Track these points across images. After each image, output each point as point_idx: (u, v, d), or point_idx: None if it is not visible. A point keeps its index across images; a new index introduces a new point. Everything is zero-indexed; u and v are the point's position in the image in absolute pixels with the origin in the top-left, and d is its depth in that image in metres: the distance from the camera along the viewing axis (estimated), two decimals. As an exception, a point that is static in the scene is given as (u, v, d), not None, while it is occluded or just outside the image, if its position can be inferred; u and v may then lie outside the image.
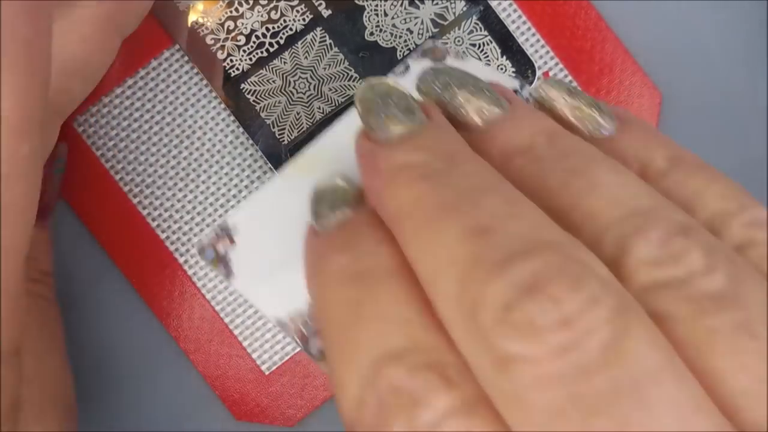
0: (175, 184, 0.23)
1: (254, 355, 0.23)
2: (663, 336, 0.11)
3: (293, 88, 0.23)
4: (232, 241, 0.18)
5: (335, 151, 0.16)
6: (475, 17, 0.24)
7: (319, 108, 0.23)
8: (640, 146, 0.15)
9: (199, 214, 0.23)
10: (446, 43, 0.21)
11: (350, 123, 0.16)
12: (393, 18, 0.23)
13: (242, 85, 0.23)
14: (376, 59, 0.23)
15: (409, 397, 0.11)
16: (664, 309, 0.12)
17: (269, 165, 0.23)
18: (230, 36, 0.23)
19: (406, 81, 0.18)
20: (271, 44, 0.23)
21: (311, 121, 0.23)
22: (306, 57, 0.23)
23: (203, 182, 0.23)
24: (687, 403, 0.10)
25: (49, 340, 0.20)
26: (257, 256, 0.17)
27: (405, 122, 0.14)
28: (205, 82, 0.23)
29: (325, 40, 0.23)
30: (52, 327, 0.20)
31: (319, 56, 0.23)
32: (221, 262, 0.17)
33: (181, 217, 0.23)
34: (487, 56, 0.24)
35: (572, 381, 0.10)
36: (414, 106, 0.14)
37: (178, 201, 0.23)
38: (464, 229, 0.12)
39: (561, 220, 0.13)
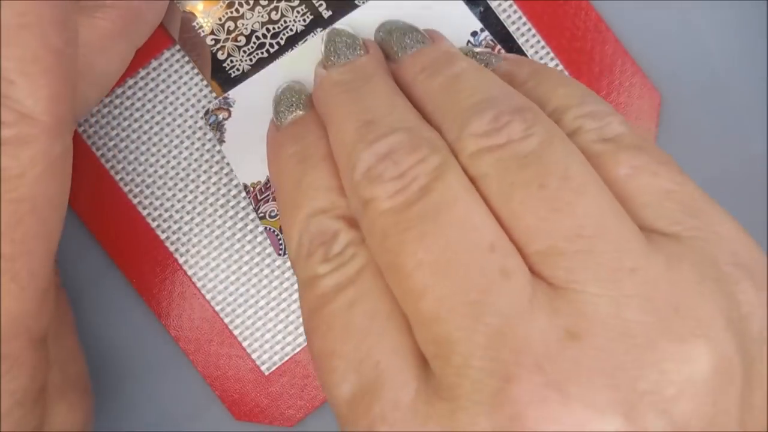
0: (175, 184, 0.23)
1: (254, 356, 0.24)
2: (468, 182, 0.16)
3: (293, 88, 0.23)
4: (229, 113, 0.23)
5: (315, 54, 0.21)
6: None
7: (320, 108, 0.23)
8: (513, 69, 0.20)
9: (199, 214, 0.23)
10: None
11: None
12: (393, 18, 0.23)
13: (242, 86, 0.23)
14: (377, 60, 0.23)
15: (327, 235, 0.17)
16: (482, 171, 0.16)
17: (269, 165, 0.23)
18: (230, 36, 0.23)
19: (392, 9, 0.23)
20: (271, 45, 0.23)
21: (311, 121, 0.23)
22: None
23: (203, 182, 0.23)
24: (473, 226, 0.15)
25: (62, 324, 0.21)
26: (245, 130, 0.23)
27: (347, 54, 0.20)
28: (205, 82, 0.23)
29: (325, 41, 0.23)
30: (63, 311, 0.21)
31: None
32: (218, 129, 0.23)
33: (181, 218, 0.23)
34: (487, 57, 0.24)
35: (398, 211, 0.16)
36: (357, 44, 0.20)
37: (178, 201, 0.23)
38: (357, 122, 0.17)
39: (427, 107, 0.18)
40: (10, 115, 0.16)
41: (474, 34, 0.23)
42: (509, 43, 0.24)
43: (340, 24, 0.22)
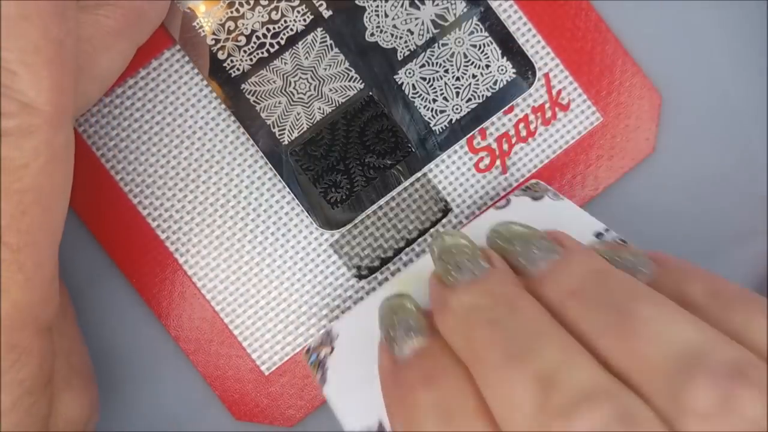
0: (176, 185, 0.23)
1: (254, 356, 0.23)
2: None
3: (294, 88, 0.23)
4: (332, 348, 0.20)
5: (427, 273, 0.18)
6: (475, 18, 0.24)
7: (320, 108, 0.23)
8: (680, 281, 0.17)
9: (199, 214, 0.23)
10: (548, 187, 0.22)
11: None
12: (393, 19, 0.23)
13: (242, 86, 0.23)
14: (377, 60, 0.23)
15: None
16: None
17: (269, 165, 0.23)
18: (231, 36, 0.23)
19: (507, 213, 0.21)
20: (271, 45, 0.23)
21: (311, 121, 0.23)
22: (306, 57, 0.23)
23: (203, 182, 0.23)
24: None
25: (64, 315, 0.21)
26: (348, 368, 0.19)
27: (471, 269, 0.17)
28: (205, 82, 0.23)
29: (325, 41, 0.23)
30: (64, 302, 0.21)
31: (320, 57, 0.23)
32: (320, 367, 0.20)
33: (181, 218, 0.23)
34: (488, 57, 0.24)
35: None
36: (478, 255, 0.17)
37: (178, 201, 0.23)
38: (529, 377, 0.14)
39: (612, 361, 0.14)
40: (12, 105, 0.16)
41: (599, 235, 0.20)
42: (509, 43, 0.24)
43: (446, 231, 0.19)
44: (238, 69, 0.23)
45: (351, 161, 0.23)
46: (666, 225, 0.25)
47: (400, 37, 0.23)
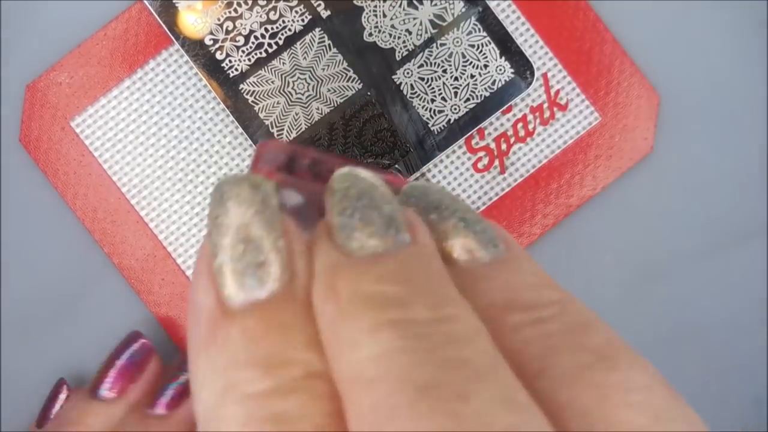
0: (173, 185, 0.23)
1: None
2: None
3: (292, 88, 0.23)
4: None
5: None
6: (473, 18, 0.24)
7: (318, 109, 0.23)
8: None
9: (197, 214, 0.23)
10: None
11: None
12: (392, 19, 0.23)
13: (241, 86, 0.23)
14: (375, 60, 0.23)
15: None
16: None
17: (268, 165, 0.23)
18: (229, 36, 0.23)
19: None
20: (270, 45, 0.23)
21: (310, 121, 0.23)
22: (305, 58, 0.23)
23: (201, 183, 0.23)
24: None
25: None
26: None
27: (384, 236, 0.11)
28: (203, 82, 0.23)
29: (323, 41, 0.23)
30: None
31: (318, 57, 0.23)
32: None
33: (180, 218, 0.23)
34: (486, 57, 0.24)
35: None
36: (399, 219, 0.11)
37: (176, 201, 0.23)
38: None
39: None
40: None
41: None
42: (508, 43, 0.24)
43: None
44: (236, 69, 0.23)
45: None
46: (665, 225, 0.25)
47: (399, 37, 0.23)
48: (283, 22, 0.23)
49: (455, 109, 0.24)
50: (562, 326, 0.11)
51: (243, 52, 0.23)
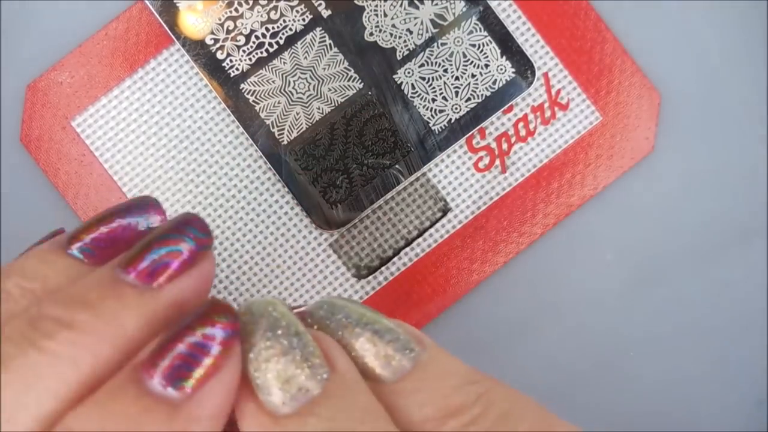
0: (174, 184, 0.23)
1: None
2: None
3: (293, 88, 0.23)
4: None
5: None
6: (474, 18, 0.24)
7: (319, 108, 0.23)
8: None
9: (198, 214, 0.23)
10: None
11: None
12: (393, 18, 0.23)
13: (242, 86, 0.23)
14: (376, 59, 0.23)
15: None
16: None
17: (268, 165, 0.23)
18: (230, 36, 0.23)
19: None
20: (270, 44, 0.23)
21: (311, 121, 0.23)
22: (305, 57, 0.23)
23: (203, 182, 0.23)
24: None
25: None
26: None
27: (304, 387, 0.11)
28: (204, 82, 0.23)
29: (324, 41, 0.23)
30: None
31: (319, 56, 0.23)
32: None
33: (181, 218, 0.23)
34: (487, 57, 0.24)
35: None
36: (316, 351, 0.11)
37: (177, 201, 0.23)
38: None
39: None
40: None
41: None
42: (509, 43, 0.24)
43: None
44: (237, 69, 0.23)
45: (350, 161, 0.23)
46: (665, 224, 0.25)
47: (399, 37, 0.23)
48: (284, 21, 0.23)
49: (456, 108, 0.24)
50: (493, 421, 0.12)
51: (244, 51, 0.23)
